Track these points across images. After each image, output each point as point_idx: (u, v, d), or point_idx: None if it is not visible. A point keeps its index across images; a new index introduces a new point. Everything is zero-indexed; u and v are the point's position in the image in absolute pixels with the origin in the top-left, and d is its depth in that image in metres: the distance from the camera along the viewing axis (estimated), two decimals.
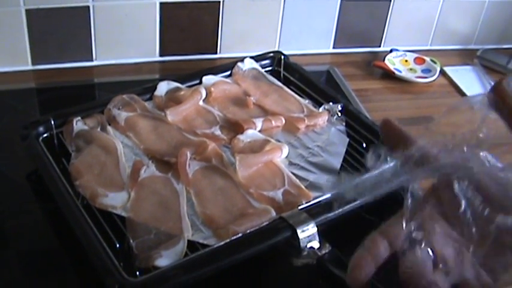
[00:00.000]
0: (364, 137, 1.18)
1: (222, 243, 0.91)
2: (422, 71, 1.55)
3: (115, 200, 0.99)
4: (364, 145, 1.16)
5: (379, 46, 1.65)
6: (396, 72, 1.52)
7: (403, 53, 1.59)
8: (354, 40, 1.61)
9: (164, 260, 0.88)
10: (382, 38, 1.63)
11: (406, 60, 1.57)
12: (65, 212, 0.96)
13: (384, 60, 1.55)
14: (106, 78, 1.43)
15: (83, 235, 0.91)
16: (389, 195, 0.97)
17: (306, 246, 0.91)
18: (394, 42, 1.63)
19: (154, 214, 0.97)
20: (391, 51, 1.59)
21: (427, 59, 1.57)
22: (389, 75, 1.52)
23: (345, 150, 1.15)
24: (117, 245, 0.91)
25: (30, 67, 1.43)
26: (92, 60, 1.46)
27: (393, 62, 1.55)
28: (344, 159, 1.13)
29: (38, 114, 1.30)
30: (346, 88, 1.46)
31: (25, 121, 1.14)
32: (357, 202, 0.99)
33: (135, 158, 1.09)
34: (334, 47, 1.61)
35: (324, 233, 0.93)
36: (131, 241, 0.90)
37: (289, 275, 0.87)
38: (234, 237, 0.92)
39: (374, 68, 1.54)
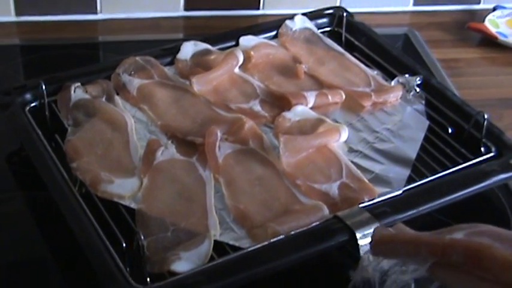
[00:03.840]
0: (451, 120, 1.20)
1: (258, 245, 0.94)
2: None
3: (123, 188, 1.03)
4: (450, 131, 1.19)
5: (478, 3, 1.66)
6: (500, 37, 1.52)
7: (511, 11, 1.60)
8: None
9: (183, 264, 0.91)
10: None
11: None
12: (57, 201, 1.00)
13: (483, 21, 1.56)
14: (114, 36, 1.48)
15: (80, 231, 0.95)
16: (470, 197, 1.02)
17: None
18: None
19: (172, 207, 1.01)
20: (494, 9, 1.60)
21: None
22: (490, 42, 1.53)
23: (423, 135, 1.17)
24: (124, 244, 0.94)
25: (13, 18, 1.48)
26: (95, 12, 1.51)
27: (496, 24, 1.56)
28: (421, 148, 1.15)
29: (22, 79, 1.36)
30: (428, 57, 1.48)
31: (6, 86, 1.19)
32: (435, 202, 1.02)
33: (150, 136, 1.13)
34: (415, 4, 1.63)
35: None
36: (142, 239, 0.93)
37: None
38: (274, 239, 0.95)
39: (469, 31, 1.55)
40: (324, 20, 1.43)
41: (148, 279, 0.91)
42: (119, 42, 1.47)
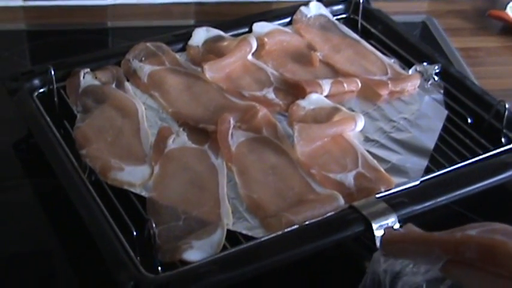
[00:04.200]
0: (470, 109, 1.20)
1: (272, 235, 0.95)
2: None
3: (133, 176, 1.04)
4: (470, 121, 1.19)
5: None
6: None
7: None
8: None
9: (195, 252, 0.92)
10: None
11: None
12: (66, 189, 1.01)
13: (505, 8, 1.56)
14: (123, 22, 1.49)
15: (90, 219, 0.96)
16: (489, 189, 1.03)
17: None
18: None
19: (184, 195, 1.02)
20: None
21: None
22: (511, 30, 1.53)
23: (441, 125, 1.17)
24: (134, 233, 0.95)
25: (20, 2, 1.49)
26: None
27: None
28: (440, 138, 1.15)
29: (29, 65, 1.37)
30: (447, 46, 1.48)
31: (14, 71, 1.20)
32: (453, 194, 1.02)
33: (161, 123, 1.14)
34: None
35: None
36: (153, 228, 0.93)
37: (357, 283, 0.91)
38: (288, 228, 0.95)
39: (490, 19, 1.56)
40: (340, 6, 1.44)
41: (159, 268, 0.92)
42: (129, 28, 1.48)
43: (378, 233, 0.95)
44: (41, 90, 1.19)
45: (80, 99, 1.17)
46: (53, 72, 1.17)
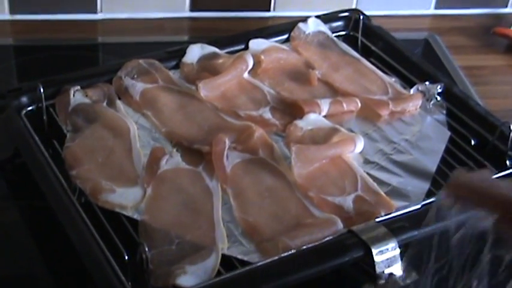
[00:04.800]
0: (474, 131, 1.22)
1: (268, 260, 0.96)
2: None
3: (125, 198, 1.05)
4: (473, 142, 1.21)
5: (505, 6, 1.68)
6: None
7: None
8: None
9: (189, 278, 0.93)
10: None
11: None
12: (55, 211, 1.02)
13: (511, 26, 1.58)
14: (115, 38, 1.51)
15: (80, 242, 0.98)
16: None
17: (384, 272, 0.96)
18: None
19: (177, 218, 1.03)
20: None
21: None
22: None
23: (444, 147, 1.19)
24: (126, 257, 0.96)
25: (7, 16, 1.50)
26: (95, 12, 1.54)
27: None
28: (442, 160, 1.17)
29: (16, 82, 1.38)
30: (450, 64, 1.50)
31: (1, 88, 1.21)
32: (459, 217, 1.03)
33: (154, 144, 1.16)
34: (436, 7, 1.66)
35: (409, 257, 0.97)
36: (146, 252, 0.94)
37: None
38: (285, 253, 0.96)
39: (495, 36, 1.58)
40: (339, 23, 1.46)
41: None
42: (121, 43, 1.49)
43: (378, 258, 0.96)
44: (29, 108, 1.20)
45: (69, 118, 1.18)
46: (41, 90, 1.19)
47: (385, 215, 1.04)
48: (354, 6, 1.57)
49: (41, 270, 1.04)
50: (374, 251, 0.96)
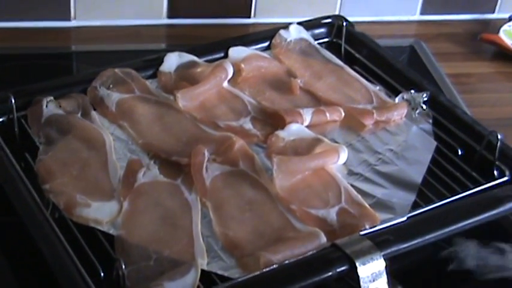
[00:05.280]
0: (460, 140, 1.23)
1: (249, 276, 0.97)
2: None
3: (100, 212, 1.06)
4: (460, 152, 1.22)
5: (492, 11, 1.69)
6: None
7: None
8: (453, 3, 1.67)
9: None
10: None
11: None
12: (28, 227, 1.02)
13: (498, 32, 1.59)
14: (90, 46, 1.51)
15: (53, 259, 0.98)
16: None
17: (369, 287, 0.97)
18: None
19: (155, 233, 1.04)
20: (510, 18, 1.63)
21: None
22: (505, 55, 1.56)
23: (430, 157, 1.20)
24: (102, 274, 0.97)
25: None
26: (69, 19, 1.54)
27: None
28: (428, 171, 1.18)
29: None
30: (437, 72, 1.52)
31: None
32: (442, 231, 1.04)
33: (130, 156, 1.16)
34: (422, 12, 1.67)
35: (395, 271, 0.99)
36: (122, 268, 0.95)
37: None
38: (266, 268, 0.97)
39: (482, 43, 1.59)
40: (322, 29, 1.47)
41: None
42: (95, 52, 1.50)
43: (363, 271, 0.97)
44: (0, 119, 1.20)
45: (42, 129, 1.19)
46: (13, 101, 1.19)
47: (370, 227, 1.04)
48: (337, 13, 1.58)
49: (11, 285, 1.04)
50: (358, 265, 0.97)
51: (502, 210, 1.09)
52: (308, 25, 1.46)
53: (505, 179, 1.16)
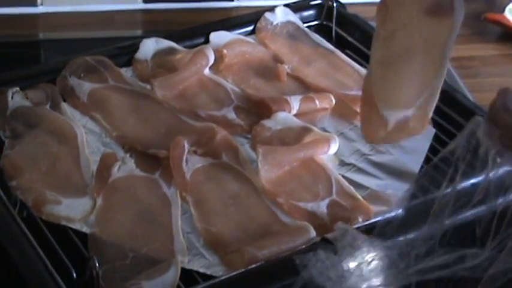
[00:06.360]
0: (461, 127, 1.23)
1: (233, 273, 0.98)
2: None
3: (72, 209, 1.07)
4: None
5: None
6: None
7: None
8: None
9: None
10: None
11: None
12: None
13: (503, 11, 1.61)
14: (59, 33, 1.53)
15: (22, 260, 0.99)
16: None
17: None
18: None
19: (132, 230, 1.06)
20: None
21: None
22: (510, 36, 1.58)
23: (428, 145, 1.22)
24: (74, 275, 0.98)
25: None
26: (35, 4, 1.55)
27: None
28: (426, 160, 1.19)
29: None
30: None
31: None
32: (440, 223, 1.06)
33: (104, 149, 1.18)
34: None
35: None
36: (96, 268, 0.96)
37: None
38: (252, 265, 0.99)
39: (486, 23, 1.61)
40: (311, 12, 1.49)
41: None
42: (65, 40, 1.52)
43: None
44: None
45: (8, 122, 1.21)
46: None
47: (363, 221, 1.06)
48: None
49: None
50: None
51: (509, 200, 1.10)
52: (296, 7, 1.48)
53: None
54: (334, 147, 1.18)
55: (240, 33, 1.42)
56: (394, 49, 1.07)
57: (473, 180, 0.99)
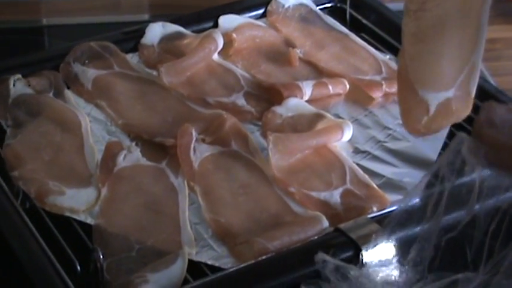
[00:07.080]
0: None
1: (242, 265, 0.99)
2: None
3: (76, 200, 1.08)
4: None
5: None
6: None
7: None
8: None
9: (151, 287, 0.95)
10: None
11: None
12: None
13: None
14: (62, 19, 1.54)
15: (24, 252, 1.00)
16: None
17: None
18: None
19: (138, 221, 1.06)
20: None
21: None
22: None
23: (446, 132, 1.21)
24: (78, 267, 0.99)
25: None
26: None
27: None
28: (444, 146, 1.19)
29: None
30: None
31: None
32: (459, 213, 1.06)
33: (109, 138, 1.19)
34: None
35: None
36: (101, 260, 0.98)
37: None
38: (262, 257, 0.99)
39: (509, 4, 1.61)
40: None
41: None
42: (69, 25, 1.53)
43: (369, 257, 0.98)
44: None
45: (9, 111, 1.22)
46: None
47: (378, 210, 1.07)
48: None
49: None
50: (364, 251, 0.99)
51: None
52: None
53: None
54: (348, 134, 1.19)
55: (250, 17, 1.42)
56: (427, 22, 1.06)
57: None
